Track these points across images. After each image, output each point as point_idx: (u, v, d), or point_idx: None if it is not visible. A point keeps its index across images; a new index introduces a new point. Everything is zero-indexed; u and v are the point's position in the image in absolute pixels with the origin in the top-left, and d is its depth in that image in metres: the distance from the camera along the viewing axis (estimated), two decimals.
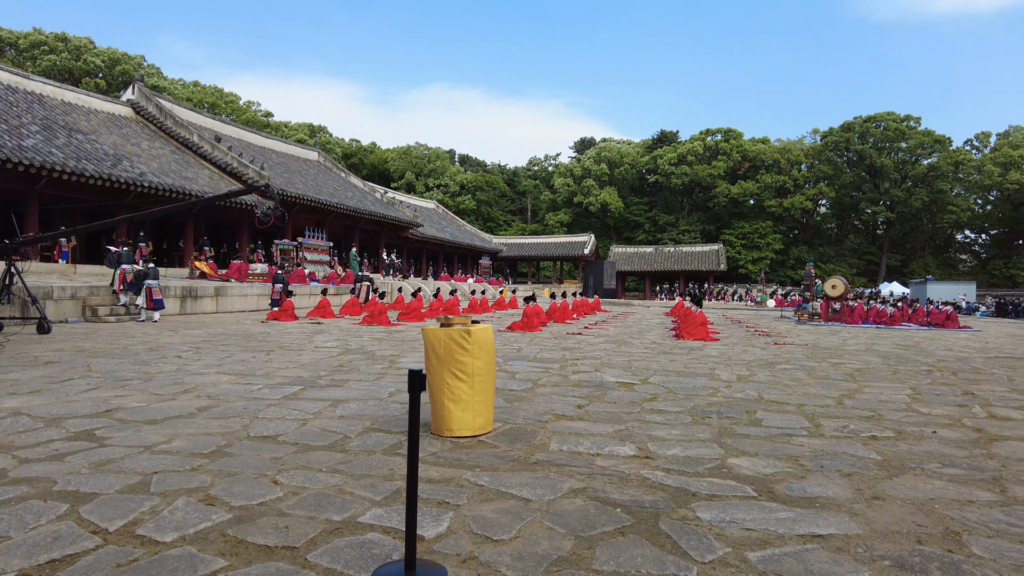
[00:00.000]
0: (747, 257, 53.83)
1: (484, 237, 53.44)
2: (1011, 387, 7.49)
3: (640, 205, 61.98)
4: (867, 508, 3.27)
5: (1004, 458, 4.30)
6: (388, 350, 10.09)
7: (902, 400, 6.49)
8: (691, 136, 60.95)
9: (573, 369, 8.30)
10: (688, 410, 5.76)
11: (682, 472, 3.84)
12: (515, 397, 6.17)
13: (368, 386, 6.66)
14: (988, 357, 10.86)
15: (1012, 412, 5.93)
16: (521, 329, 14.80)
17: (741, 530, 2.93)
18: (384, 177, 64.86)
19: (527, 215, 73.39)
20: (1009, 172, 49.85)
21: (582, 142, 73.75)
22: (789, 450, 4.41)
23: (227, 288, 19.36)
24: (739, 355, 10.51)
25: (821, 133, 57.93)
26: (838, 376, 8.17)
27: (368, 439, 4.47)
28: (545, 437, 4.60)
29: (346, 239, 33.04)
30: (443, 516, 3.02)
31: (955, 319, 20.94)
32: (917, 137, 52.31)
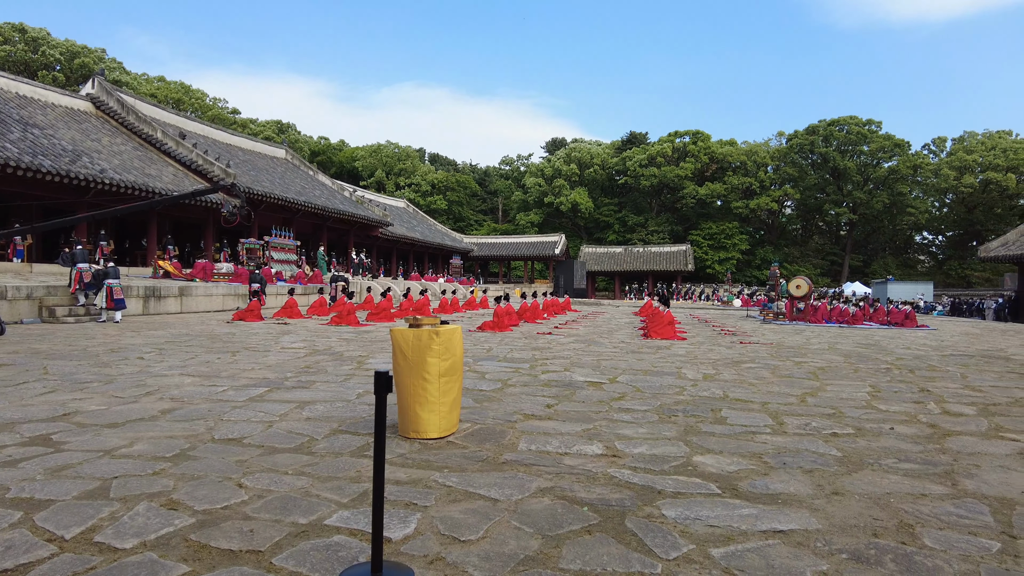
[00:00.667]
0: (714, 257, 54.63)
1: (455, 236, 53.30)
2: (964, 384, 7.75)
3: (610, 206, 62.45)
4: (827, 503, 3.36)
5: (956, 453, 4.45)
6: (356, 351, 10.01)
7: (862, 398, 6.66)
8: (660, 138, 61.62)
9: (543, 369, 8.34)
10: (655, 408, 5.83)
11: (648, 470, 3.89)
12: (485, 397, 6.17)
13: (336, 387, 6.59)
14: (943, 355, 11.20)
15: (964, 408, 6.14)
16: (492, 329, 14.81)
17: (705, 527, 2.99)
18: (353, 175, 64.23)
19: (498, 215, 73.39)
20: (964, 176, 51.51)
21: (553, 142, 74.02)
22: (753, 447, 4.50)
23: (192, 288, 18.98)
24: (705, 354, 10.67)
25: (787, 136, 59.07)
26: (801, 374, 8.35)
27: (335, 441, 4.43)
28: (514, 437, 4.62)
29: (314, 238, 32.64)
30: (411, 517, 3.01)
31: (913, 318, 21.55)
32: (878, 141, 53.70)
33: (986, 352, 11.92)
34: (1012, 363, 10.10)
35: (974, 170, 51.77)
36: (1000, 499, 3.47)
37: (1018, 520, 3.15)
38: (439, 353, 4.42)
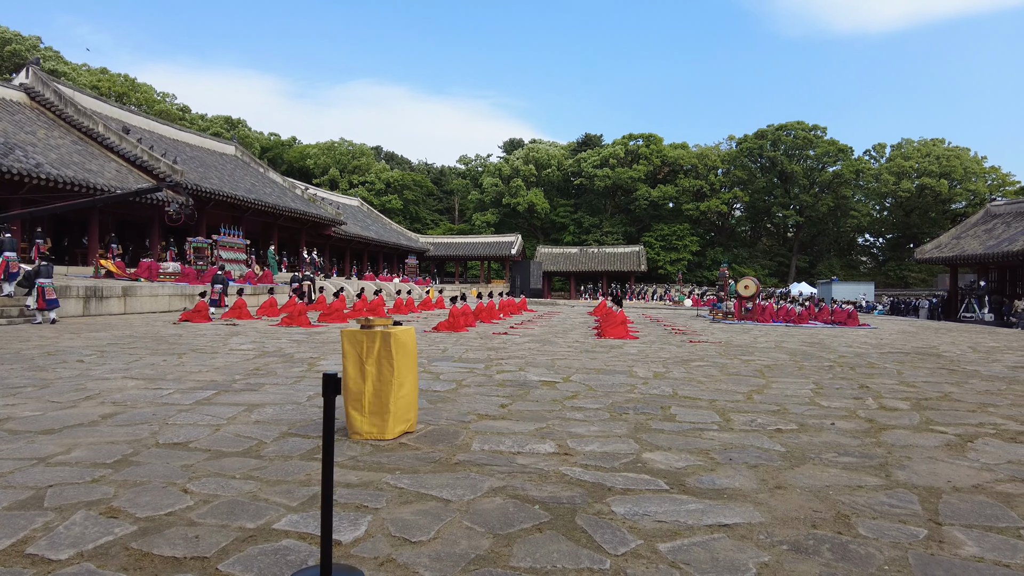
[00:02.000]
0: (666, 258, 55.66)
1: (410, 236, 52.88)
2: (900, 380, 8.11)
3: (566, 207, 62.95)
4: (770, 497, 3.48)
5: (890, 446, 4.66)
6: (308, 352, 9.85)
7: (806, 394, 6.91)
8: (614, 140, 62.45)
9: (498, 369, 8.37)
10: (607, 407, 5.92)
11: (599, 467, 3.95)
12: (439, 398, 6.16)
13: (286, 390, 6.48)
14: (882, 352, 11.69)
15: (899, 403, 6.43)
16: (447, 329, 14.76)
17: (653, 522, 3.06)
18: (305, 173, 63.02)
19: (454, 215, 73.13)
20: (902, 181, 53.79)
21: (511, 142, 74.17)
22: (700, 444, 4.62)
23: (136, 288, 18.34)
24: (657, 353, 10.88)
25: (736, 140, 60.63)
26: (748, 372, 8.60)
27: (285, 444, 4.36)
28: (468, 437, 4.63)
29: (264, 237, 31.91)
30: (361, 519, 2.99)
31: (855, 317, 22.40)
32: (823, 146, 55.63)
33: (920, 349, 12.49)
34: (943, 360, 10.62)
35: (911, 175, 54.11)
36: (928, 488, 3.65)
37: (943, 508, 3.33)
38: (392, 354, 4.39)
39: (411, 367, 4.63)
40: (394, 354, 4.42)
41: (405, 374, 4.54)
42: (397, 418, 4.48)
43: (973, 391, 7.31)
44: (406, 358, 4.56)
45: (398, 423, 4.50)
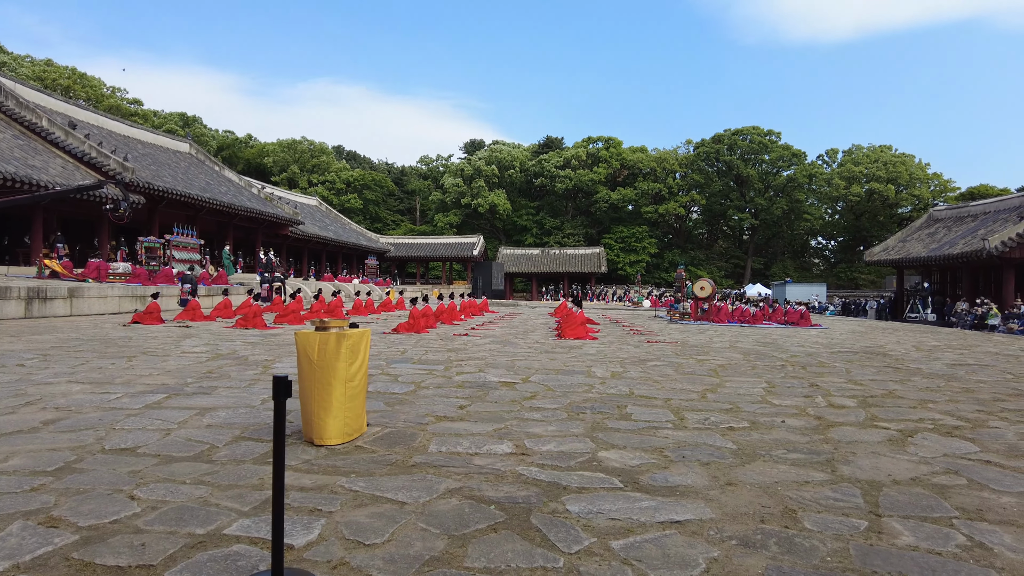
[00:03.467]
0: (625, 260, 56.35)
1: (371, 236, 52.32)
2: (848, 378, 8.39)
3: (528, 208, 63.16)
4: (721, 494, 3.56)
5: (837, 442, 4.82)
6: (262, 355, 9.66)
7: (758, 393, 7.09)
8: (575, 143, 62.94)
9: (457, 370, 8.35)
10: (565, 407, 5.98)
11: (555, 467, 3.99)
12: (396, 400, 6.12)
13: (239, 393, 6.35)
14: (832, 352, 12.07)
15: (847, 401, 6.65)
16: (407, 331, 14.66)
17: (607, 520, 3.11)
18: (263, 172, 61.75)
19: (416, 215, 72.64)
20: (852, 186, 55.61)
21: (472, 143, 74.04)
22: (655, 442, 4.70)
23: (84, 289, 17.69)
24: (615, 353, 11.02)
25: (694, 144, 61.75)
26: (703, 372, 8.78)
27: (237, 448, 4.28)
28: (425, 439, 4.61)
29: (219, 237, 31.16)
30: (314, 523, 2.96)
31: (808, 318, 23.06)
32: (778, 150, 57.12)
33: (868, 349, 12.93)
34: (889, 358, 11.02)
35: (861, 180, 55.97)
36: (870, 482, 3.80)
37: (884, 500, 3.46)
38: (346, 357, 4.35)
39: (364, 370, 4.60)
40: (349, 356, 4.38)
41: (359, 377, 4.50)
42: (349, 421, 4.44)
43: (915, 388, 7.61)
44: (361, 360, 4.52)
45: (350, 425, 4.46)
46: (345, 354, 4.34)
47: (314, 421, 4.32)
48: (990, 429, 5.38)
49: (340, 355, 4.31)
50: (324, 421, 4.30)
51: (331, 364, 4.29)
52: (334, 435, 4.33)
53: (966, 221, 31.76)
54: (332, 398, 4.29)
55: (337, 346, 4.31)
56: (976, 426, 5.49)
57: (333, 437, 4.33)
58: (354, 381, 4.42)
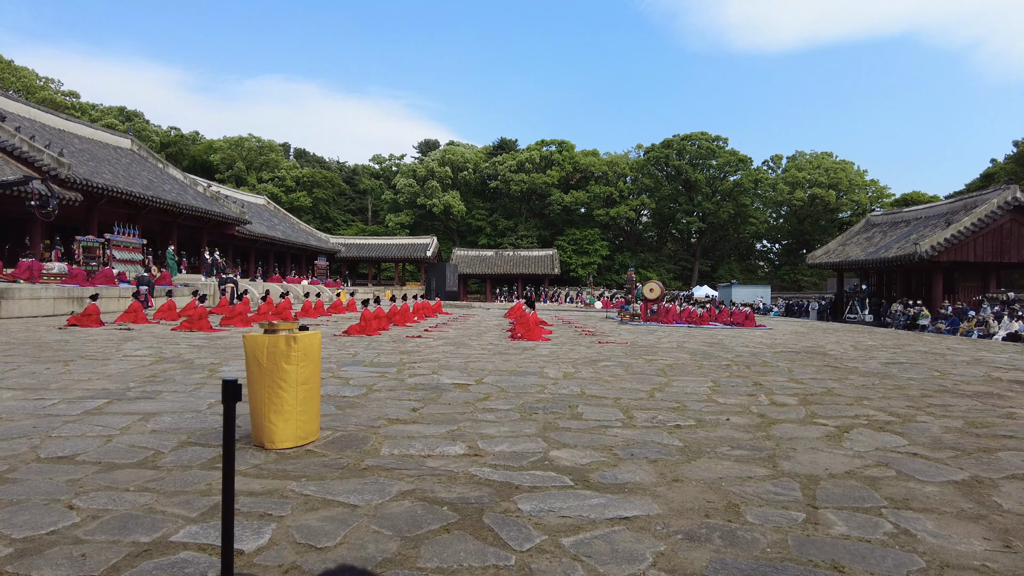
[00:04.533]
0: (578, 262, 56.95)
1: (320, 236, 51.41)
2: (790, 377, 8.71)
3: (482, 209, 63.16)
4: (668, 490, 3.68)
5: (778, 439, 5.02)
6: (209, 358, 9.42)
7: (704, 392, 7.30)
8: (528, 145, 63.25)
9: (410, 372, 8.32)
10: (517, 407, 6.04)
11: (507, 467, 4.04)
12: (348, 404, 6.07)
13: (185, 397, 6.19)
14: (775, 352, 12.49)
15: (788, 399, 6.91)
16: (359, 333, 14.50)
17: (558, 518, 3.17)
18: (209, 169, 59.96)
19: (367, 215, 71.75)
20: (796, 191, 57.57)
21: (426, 144, 73.59)
22: (605, 441, 4.80)
23: (14, 290, 16.86)
24: (567, 354, 11.15)
25: (644, 149, 62.86)
26: (652, 371, 8.98)
27: (183, 454, 4.18)
28: (377, 442, 4.60)
29: (163, 236, 30.14)
30: (265, 528, 2.93)
31: (752, 319, 23.77)
32: (725, 156, 58.67)
33: (809, 349, 13.43)
34: (828, 358, 11.47)
35: (804, 186, 58.00)
36: (809, 476, 3.97)
37: (820, 493, 3.63)
38: (296, 360, 4.31)
39: (316, 373, 4.56)
40: (299, 359, 4.34)
41: (310, 380, 4.46)
42: (301, 425, 4.39)
43: (852, 386, 7.96)
44: (311, 364, 4.48)
45: (302, 430, 4.41)
46: (296, 357, 4.29)
47: (265, 425, 4.26)
48: (918, 424, 5.68)
49: (291, 358, 4.26)
50: (275, 425, 4.24)
51: (281, 367, 4.24)
52: (286, 439, 4.28)
53: (900, 226, 33.30)
54: (283, 402, 4.23)
55: (287, 349, 4.26)
56: (906, 421, 5.79)
57: (285, 441, 4.27)
58: (307, 384, 4.37)
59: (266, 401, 4.24)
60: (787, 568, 2.65)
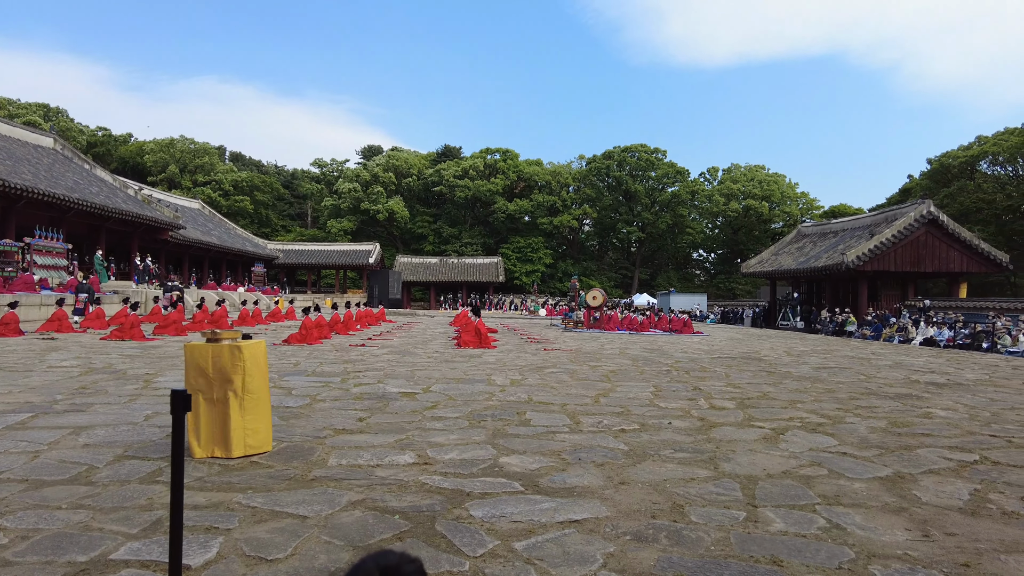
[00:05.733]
0: (522, 269, 57.29)
1: (258, 242, 49.97)
2: (727, 382, 9.03)
3: (426, 216, 62.77)
4: (615, 492, 3.77)
5: (719, 441, 5.21)
6: (143, 368, 9.05)
7: (646, 397, 7.49)
8: (472, 153, 63.34)
9: (355, 382, 8.21)
10: (466, 415, 6.05)
11: (458, 474, 4.06)
12: (292, 414, 5.95)
13: (119, 410, 5.93)
14: (713, 358, 12.91)
15: (726, 403, 7.17)
16: (299, 342, 14.19)
17: (510, 523, 3.21)
18: (140, 172, 57.47)
19: (307, 220, 70.22)
20: (731, 202, 59.61)
21: (369, 149, 72.61)
22: (553, 446, 4.88)
23: None
24: (513, 361, 11.23)
25: (586, 159, 63.88)
26: (596, 377, 9.15)
27: (120, 468, 4.02)
28: (324, 453, 4.53)
29: (90, 241, 28.68)
30: (212, 542, 2.86)
31: (690, 326, 24.48)
32: (663, 168, 60.24)
33: (745, 354, 13.94)
34: (763, 363, 11.94)
35: (738, 197, 60.11)
36: (748, 477, 4.15)
37: (759, 492, 3.80)
38: (241, 369, 4.21)
39: (263, 382, 4.46)
40: (244, 369, 4.24)
41: (255, 390, 4.36)
42: (247, 436, 4.29)
43: (786, 390, 8.32)
44: (257, 373, 4.39)
45: (247, 441, 4.31)
46: (241, 367, 4.19)
47: (206, 436, 4.14)
48: (847, 425, 6.00)
49: (236, 368, 4.16)
50: (218, 436, 4.13)
51: (228, 377, 4.13)
52: (228, 450, 4.17)
53: (828, 237, 34.92)
54: (229, 412, 4.13)
55: (232, 358, 4.16)
56: (836, 422, 6.10)
57: (228, 452, 4.16)
58: (255, 394, 4.28)
59: (210, 412, 4.13)
60: (730, 564, 2.77)
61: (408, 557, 0.53)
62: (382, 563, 0.52)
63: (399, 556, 0.53)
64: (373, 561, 0.52)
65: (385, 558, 0.53)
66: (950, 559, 2.86)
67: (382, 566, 0.52)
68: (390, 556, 0.53)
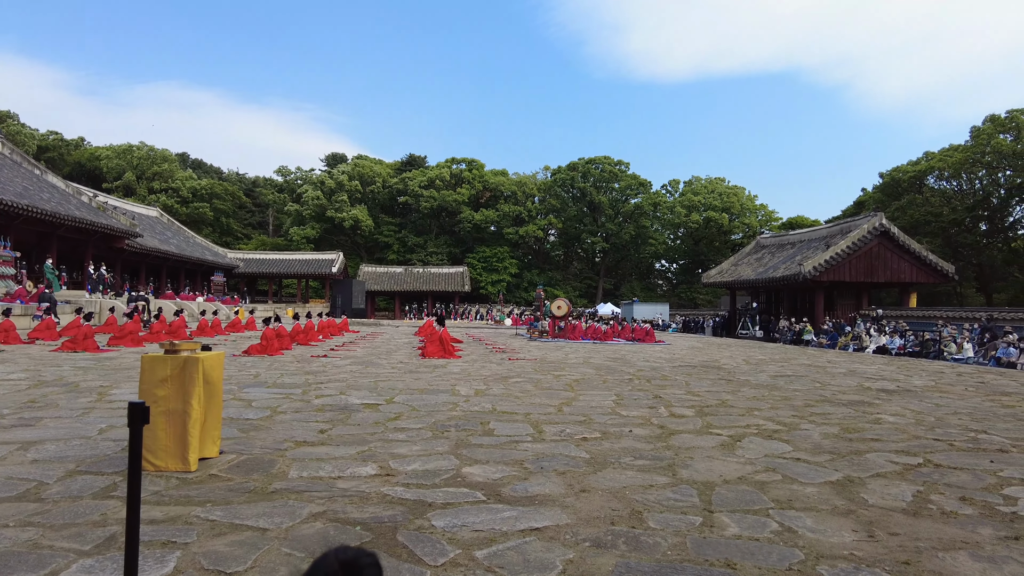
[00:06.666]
0: (488, 279, 57.35)
1: (218, 251, 48.99)
2: (687, 390, 9.20)
3: (391, 225, 62.41)
4: (576, 500, 3.83)
5: (678, 448, 5.32)
6: (97, 381, 8.80)
7: (608, 405, 7.59)
8: (438, 163, 63.30)
9: (316, 393, 8.13)
10: (429, 426, 6.05)
11: (420, 485, 4.07)
12: (252, 427, 5.87)
13: (71, 423, 5.77)
14: (674, 366, 13.12)
15: (686, 411, 7.31)
16: (259, 353, 13.96)
17: (471, 532, 3.24)
18: (95, 178, 55.87)
19: (269, 228, 69.13)
20: (692, 214, 60.75)
21: (333, 157, 71.91)
22: (516, 455, 4.92)
23: None
24: (478, 371, 11.24)
25: (551, 170, 64.47)
26: (560, 386, 9.23)
27: (72, 484, 3.92)
28: (284, 465, 4.49)
29: (40, 249, 27.74)
30: (169, 556, 2.82)
31: (652, 335, 24.83)
32: (627, 179, 61.15)
33: (705, 363, 14.20)
34: (723, 371, 12.19)
35: (699, 209, 61.30)
36: (705, 483, 4.25)
37: (716, 498, 3.90)
38: (199, 381, 4.16)
39: (217, 394, 4.41)
40: (202, 381, 4.19)
41: (212, 402, 4.31)
42: (203, 448, 4.24)
43: (744, 398, 8.52)
44: (213, 385, 4.34)
45: (203, 453, 4.25)
46: (198, 378, 4.14)
47: (165, 449, 4.07)
48: (801, 431, 6.18)
49: (195, 380, 4.10)
50: (173, 449, 4.06)
51: (187, 389, 4.08)
52: (185, 463, 4.11)
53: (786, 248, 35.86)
54: (187, 425, 4.07)
55: (191, 370, 4.11)
56: (791, 429, 6.28)
57: (184, 465, 4.10)
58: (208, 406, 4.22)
59: (166, 425, 4.06)
60: (686, 568, 2.84)
61: (365, 552, 0.57)
62: (342, 557, 0.56)
63: (356, 550, 0.57)
64: (334, 555, 0.56)
65: (344, 552, 0.57)
66: (892, 558, 2.99)
67: (342, 560, 0.56)
68: (348, 551, 0.58)
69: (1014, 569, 2.88)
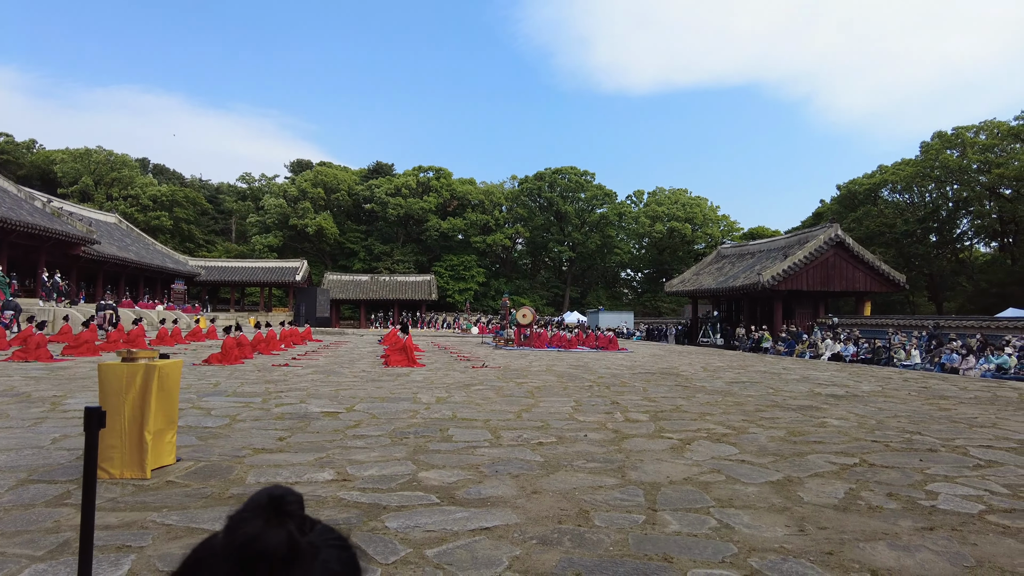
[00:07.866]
0: (455, 288, 57.35)
1: (178, 259, 48.01)
2: (644, 396, 9.43)
3: (356, 233, 61.98)
4: (527, 501, 3.97)
5: (629, 451, 5.51)
6: (50, 390, 8.65)
7: (567, 411, 7.76)
8: (405, 170, 63.21)
9: (276, 402, 8.13)
10: (388, 433, 6.14)
11: (376, 489, 4.16)
12: (210, 434, 5.87)
13: (22, 433, 5.70)
14: (634, 373, 13.39)
15: (640, 416, 7.53)
16: (219, 362, 13.80)
17: (423, 532, 3.36)
18: (50, 182, 54.34)
19: (232, 236, 68.00)
20: (656, 224, 61.77)
21: (298, 164, 71.20)
22: (472, 460, 5.05)
23: None
24: (441, 379, 11.33)
25: (519, 180, 64.94)
26: (521, 393, 9.37)
27: (24, 492, 3.92)
28: (242, 471, 4.54)
29: None
30: (124, 560, 2.88)
31: (615, 343, 25.18)
32: (592, 190, 61.93)
33: (664, 370, 14.51)
34: (680, 378, 12.49)
35: (663, 219, 62.36)
36: (651, 484, 4.44)
37: (660, 498, 4.09)
38: (156, 390, 4.19)
39: (174, 402, 4.45)
40: (159, 389, 4.23)
41: (169, 409, 4.35)
42: (159, 456, 4.27)
43: (698, 403, 8.78)
44: (170, 393, 4.37)
45: (160, 461, 4.28)
46: (156, 387, 4.18)
47: (117, 457, 4.09)
48: (749, 434, 6.43)
49: (151, 388, 4.14)
50: (129, 456, 4.09)
51: (144, 397, 4.11)
52: (141, 470, 4.13)
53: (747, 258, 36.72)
54: (144, 433, 4.10)
55: (148, 379, 4.14)
56: (739, 432, 6.53)
57: (141, 472, 4.12)
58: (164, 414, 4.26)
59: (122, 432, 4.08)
60: (625, 562, 3.01)
61: (293, 491, 0.71)
62: (272, 493, 0.69)
63: (285, 489, 0.71)
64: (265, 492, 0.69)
65: (276, 489, 0.70)
66: (818, 549, 3.20)
67: (272, 495, 0.69)
68: (279, 488, 0.71)
69: (925, 556, 3.12)
